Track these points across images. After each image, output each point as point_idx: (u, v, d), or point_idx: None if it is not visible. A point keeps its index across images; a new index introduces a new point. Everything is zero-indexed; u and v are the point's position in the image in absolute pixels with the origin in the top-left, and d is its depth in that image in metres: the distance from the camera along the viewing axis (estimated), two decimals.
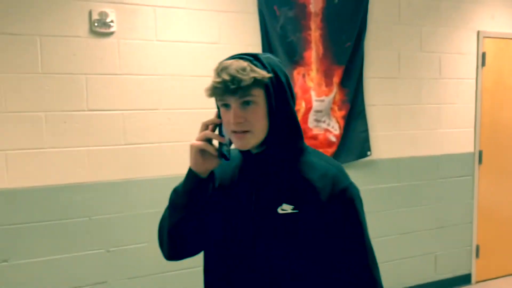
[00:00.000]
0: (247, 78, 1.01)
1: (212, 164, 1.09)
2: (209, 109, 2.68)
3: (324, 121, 3.03)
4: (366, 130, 3.16)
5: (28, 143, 2.35)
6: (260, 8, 2.79)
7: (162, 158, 2.62)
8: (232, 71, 1.02)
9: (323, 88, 3.01)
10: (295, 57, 2.90)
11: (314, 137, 3.01)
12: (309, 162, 1.12)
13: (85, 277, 2.50)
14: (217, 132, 1.10)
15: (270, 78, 1.05)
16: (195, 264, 2.80)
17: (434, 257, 3.54)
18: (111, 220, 2.53)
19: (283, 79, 1.09)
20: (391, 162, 3.30)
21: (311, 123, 2.99)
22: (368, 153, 3.17)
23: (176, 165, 2.65)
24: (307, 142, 3.00)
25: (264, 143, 1.09)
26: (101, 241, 2.52)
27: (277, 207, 1.07)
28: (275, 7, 2.82)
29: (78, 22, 2.40)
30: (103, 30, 2.44)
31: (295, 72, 2.91)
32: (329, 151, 3.06)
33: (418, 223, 3.44)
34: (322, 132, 3.03)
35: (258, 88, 1.04)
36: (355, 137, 3.14)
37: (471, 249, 3.69)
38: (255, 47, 2.80)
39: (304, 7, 2.90)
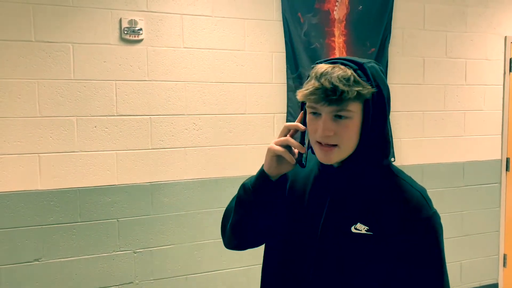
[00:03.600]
0: (350, 90, 0.91)
1: (286, 169, 1.03)
2: (231, 114, 2.74)
3: None
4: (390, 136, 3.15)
5: (60, 147, 2.44)
6: (284, 15, 2.83)
7: (187, 162, 2.68)
8: (335, 80, 0.92)
9: None
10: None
11: None
12: (392, 183, 1.03)
13: (112, 277, 2.57)
14: (298, 139, 1.02)
15: (372, 93, 0.95)
16: (218, 267, 2.85)
17: (460, 265, 3.48)
18: (138, 222, 2.60)
19: (385, 94, 0.98)
20: (415, 169, 3.28)
21: None
22: (392, 159, 3.16)
23: (201, 169, 2.71)
24: None
25: (348, 157, 1.01)
26: (128, 242, 2.59)
27: (351, 225, 1.00)
28: (299, 14, 2.86)
29: (109, 30, 2.49)
30: (132, 37, 2.52)
31: None
32: None
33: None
34: None
35: (357, 103, 0.94)
36: None
37: (498, 258, 3.62)
38: (280, 54, 2.84)
39: (328, 13, 2.93)
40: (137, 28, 2.53)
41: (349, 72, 0.93)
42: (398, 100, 3.19)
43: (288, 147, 1.01)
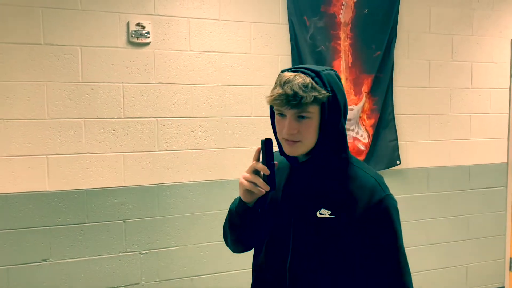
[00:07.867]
0: (308, 96, 1.09)
1: (258, 195, 1.19)
2: (237, 117, 2.75)
3: (353, 130, 3.05)
4: (395, 139, 3.15)
5: (68, 149, 2.47)
6: (290, 18, 2.85)
7: (193, 164, 2.70)
8: (295, 87, 1.09)
9: (352, 96, 3.03)
10: (324, 66, 2.93)
11: None
12: (350, 172, 1.20)
13: (119, 278, 2.59)
14: (263, 169, 1.18)
15: (327, 97, 1.13)
16: (224, 269, 2.86)
17: (466, 268, 3.47)
18: (144, 224, 2.62)
19: (339, 97, 1.16)
20: (420, 172, 3.28)
21: None
22: (398, 162, 3.16)
23: (206, 171, 2.72)
24: None
25: (311, 152, 1.19)
26: (135, 244, 2.61)
27: (316, 211, 1.17)
28: (305, 17, 2.87)
29: (116, 33, 2.52)
30: (139, 41, 2.55)
31: None
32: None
33: (448, 233, 3.39)
34: (350, 140, 3.05)
35: (315, 105, 1.12)
36: (384, 146, 3.14)
37: (504, 261, 3.60)
38: (285, 57, 2.85)
39: (333, 17, 2.94)
40: (144, 32, 2.55)
41: (308, 79, 1.11)
42: (403, 103, 3.19)
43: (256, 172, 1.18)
